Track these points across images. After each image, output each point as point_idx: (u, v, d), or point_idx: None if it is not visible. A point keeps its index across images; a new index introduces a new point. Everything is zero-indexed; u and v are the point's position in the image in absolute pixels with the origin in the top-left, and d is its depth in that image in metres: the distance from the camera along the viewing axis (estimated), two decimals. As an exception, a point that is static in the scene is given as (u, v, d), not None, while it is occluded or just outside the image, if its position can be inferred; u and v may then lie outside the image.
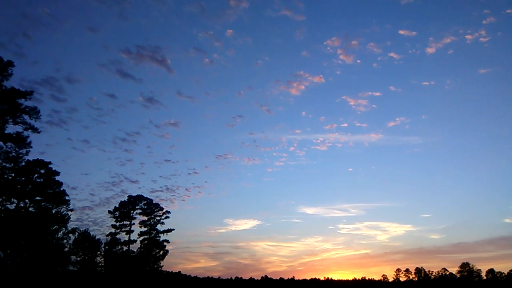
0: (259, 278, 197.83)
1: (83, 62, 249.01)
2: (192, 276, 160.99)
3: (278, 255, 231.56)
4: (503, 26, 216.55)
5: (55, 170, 55.34)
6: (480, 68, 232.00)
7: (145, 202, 78.99)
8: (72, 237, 62.47)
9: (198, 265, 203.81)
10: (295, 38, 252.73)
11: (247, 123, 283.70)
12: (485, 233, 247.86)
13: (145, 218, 78.64)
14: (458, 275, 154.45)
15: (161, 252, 79.09)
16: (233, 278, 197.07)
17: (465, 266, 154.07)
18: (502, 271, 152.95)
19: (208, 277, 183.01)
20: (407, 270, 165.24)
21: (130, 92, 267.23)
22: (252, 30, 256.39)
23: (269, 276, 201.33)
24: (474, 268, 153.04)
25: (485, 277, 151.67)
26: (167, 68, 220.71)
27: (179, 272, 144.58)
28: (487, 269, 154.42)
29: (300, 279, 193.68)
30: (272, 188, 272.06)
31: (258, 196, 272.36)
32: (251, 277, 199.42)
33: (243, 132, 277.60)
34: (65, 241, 58.81)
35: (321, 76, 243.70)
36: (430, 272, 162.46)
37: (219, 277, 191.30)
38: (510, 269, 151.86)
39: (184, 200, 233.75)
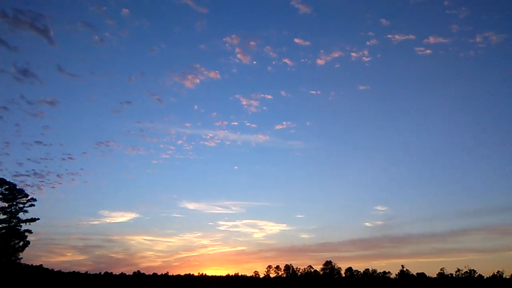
0: (131, 274, 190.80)
1: None
2: (56, 270, 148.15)
3: (154, 250, 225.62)
4: (383, 49, 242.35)
5: None
6: (360, 84, 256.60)
7: (7, 186, 69.21)
8: None
9: (64, 258, 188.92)
10: (195, 29, 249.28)
11: (135, 111, 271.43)
12: (348, 234, 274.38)
13: (5, 204, 68.91)
14: (321, 272, 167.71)
15: (21, 243, 70.04)
16: (102, 273, 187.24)
17: (328, 264, 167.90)
18: (359, 270, 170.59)
19: (74, 271, 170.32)
20: (277, 267, 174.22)
21: (1, 60, 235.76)
22: (151, 13, 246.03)
23: (142, 272, 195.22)
24: (336, 266, 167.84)
25: (344, 275, 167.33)
26: (49, 39, 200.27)
27: (41, 265, 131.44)
28: (346, 267, 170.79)
29: (174, 274, 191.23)
30: (155, 181, 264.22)
31: (139, 188, 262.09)
32: (122, 272, 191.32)
33: (130, 119, 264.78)
34: None
35: (217, 72, 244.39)
36: (298, 269, 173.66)
37: (87, 272, 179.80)
38: (365, 268, 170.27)
39: (54, 188, 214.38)
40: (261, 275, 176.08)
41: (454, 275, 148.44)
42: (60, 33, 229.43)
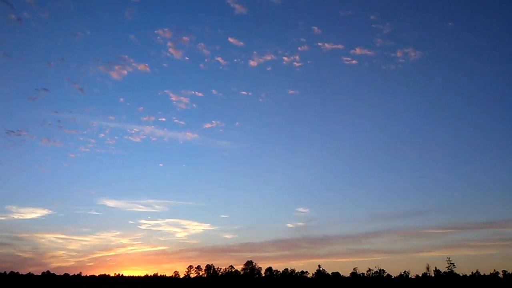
0: (39, 274, 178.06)
1: None
2: None
3: (67, 249, 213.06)
4: (314, 56, 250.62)
5: None
6: (290, 88, 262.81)
7: None
8: None
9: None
10: (124, 18, 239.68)
11: (53, 99, 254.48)
12: (270, 235, 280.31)
13: None
14: (242, 272, 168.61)
15: None
16: (8, 273, 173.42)
17: (249, 264, 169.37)
18: (278, 270, 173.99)
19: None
20: (198, 267, 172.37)
21: None
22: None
23: (52, 272, 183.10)
24: (256, 266, 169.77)
25: (263, 274, 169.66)
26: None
27: None
28: (267, 267, 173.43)
29: (88, 275, 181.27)
30: (72, 176, 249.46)
31: (53, 182, 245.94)
32: (29, 272, 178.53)
33: (47, 108, 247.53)
34: None
35: (146, 65, 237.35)
36: (219, 269, 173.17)
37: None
38: (285, 267, 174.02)
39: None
40: (181, 275, 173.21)
41: (365, 275, 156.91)
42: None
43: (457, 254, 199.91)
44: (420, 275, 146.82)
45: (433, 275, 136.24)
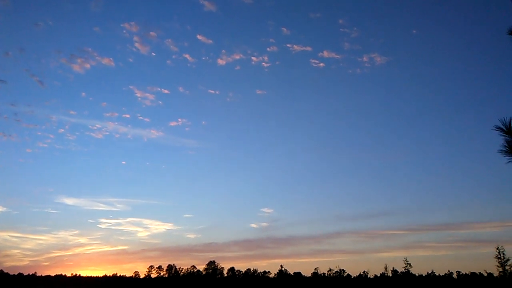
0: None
1: None
2: None
3: (21, 248, 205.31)
4: (282, 57, 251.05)
5: None
6: (258, 88, 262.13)
7: None
8: None
9: None
10: (89, 9, 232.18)
11: (9, 91, 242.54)
12: (234, 235, 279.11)
13: None
14: (204, 272, 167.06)
15: None
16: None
17: (211, 264, 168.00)
18: (241, 270, 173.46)
19: None
20: (159, 267, 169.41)
21: None
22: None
23: (5, 271, 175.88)
24: (219, 266, 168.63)
25: (226, 275, 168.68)
26: None
27: None
28: (229, 267, 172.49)
29: (43, 275, 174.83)
30: (29, 172, 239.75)
31: (8, 179, 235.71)
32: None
33: (3, 101, 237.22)
34: None
35: (111, 59, 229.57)
36: (180, 269, 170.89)
37: None
38: (247, 267, 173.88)
39: None
40: (142, 276, 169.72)
41: (326, 274, 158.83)
42: None
43: (413, 255, 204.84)
44: (379, 275, 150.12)
45: (390, 275, 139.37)
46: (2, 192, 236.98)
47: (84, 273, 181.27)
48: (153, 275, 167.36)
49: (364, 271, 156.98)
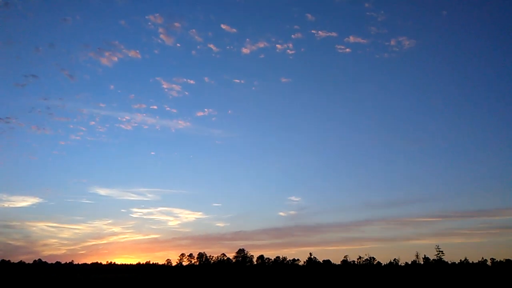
0: (31, 262, 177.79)
1: None
2: None
3: (58, 237, 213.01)
4: (307, 44, 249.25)
5: None
6: (283, 76, 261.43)
7: None
8: None
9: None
10: (115, 3, 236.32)
11: (42, 86, 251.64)
12: (262, 223, 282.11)
13: None
14: (234, 260, 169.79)
15: None
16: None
17: (241, 252, 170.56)
18: (270, 257, 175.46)
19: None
20: (190, 255, 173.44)
21: None
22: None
23: (43, 260, 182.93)
24: (248, 254, 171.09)
25: (255, 262, 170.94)
26: None
27: None
28: (258, 255, 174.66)
29: (80, 263, 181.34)
30: (63, 164, 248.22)
31: (44, 170, 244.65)
32: (21, 261, 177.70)
33: (36, 95, 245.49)
34: None
35: (137, 51, 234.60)
36: (211, 257, 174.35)
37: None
38: (276, 255, 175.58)
39: None
40: (174, 263, 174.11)
41: (356, 262, 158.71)
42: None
43: (446, 242, 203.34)
44: (410, 263, 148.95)
45: (422, 262, 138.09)
46: (38, 184, 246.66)
47: (118, 261, 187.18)
48: (185, 263, 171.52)
49: (395, 259, 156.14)
